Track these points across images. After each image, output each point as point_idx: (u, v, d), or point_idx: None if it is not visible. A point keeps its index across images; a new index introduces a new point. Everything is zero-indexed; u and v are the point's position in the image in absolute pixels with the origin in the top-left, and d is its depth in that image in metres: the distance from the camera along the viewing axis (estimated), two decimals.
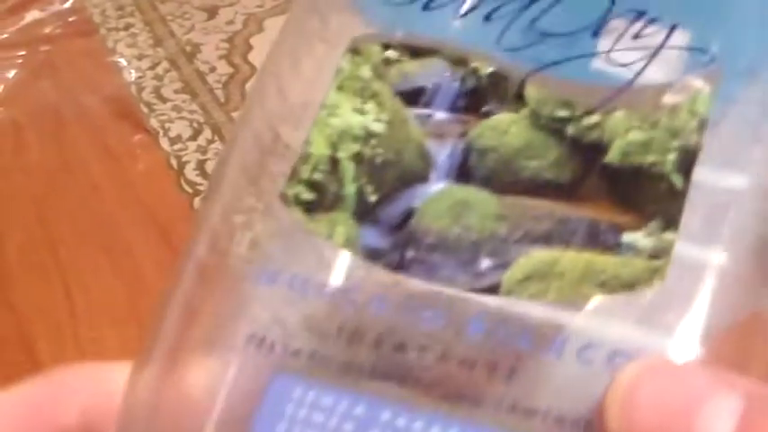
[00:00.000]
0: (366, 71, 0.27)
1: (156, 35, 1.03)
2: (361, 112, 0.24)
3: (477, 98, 0.26)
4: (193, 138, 0.87)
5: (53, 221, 0.77)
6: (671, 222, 0.23)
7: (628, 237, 0.23)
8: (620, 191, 0.24)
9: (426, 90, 0.26)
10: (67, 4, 1.07)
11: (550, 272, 0.23)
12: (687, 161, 0.23)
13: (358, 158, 0.24)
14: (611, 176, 0.24)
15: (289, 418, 0.21)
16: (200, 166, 0.82)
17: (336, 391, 0.21)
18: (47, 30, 1.04)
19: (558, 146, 0.24)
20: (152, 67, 0.97)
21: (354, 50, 0.27)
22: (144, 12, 1.07)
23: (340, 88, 0.26)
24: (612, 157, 0.23)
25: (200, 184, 0.82)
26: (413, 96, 0.26)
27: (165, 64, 0.98)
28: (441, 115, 0.26)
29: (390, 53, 0.27)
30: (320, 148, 0.24)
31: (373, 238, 0.24)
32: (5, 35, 1.02)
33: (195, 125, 0.88)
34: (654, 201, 0.23)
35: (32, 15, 1.05)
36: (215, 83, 0.94)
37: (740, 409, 0.18)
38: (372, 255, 0.23)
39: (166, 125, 0.88)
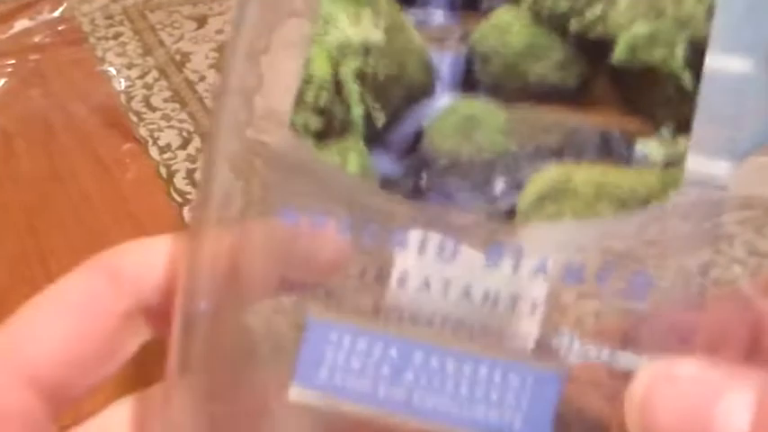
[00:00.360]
0: None
1: (146, 44, 1.03)
2: (358, 21, 0.23)
3: None
4: (183, 147, 0.87)
5: (44, 231, 0.77)
6: (683, 126, 0.21)
7: (641, 146, 0.21)
8: (630, 93, 0.22)
9: None
10: (57, 13, 1.07)
11: (565, 190, 0.21)
12: (697, 54, 0.22)
13: (361, 76, 0.22)
14: (619, 77, 0.22)
15: (329, 362, 0.21)
16: (190, 175, 0.83)
17: (370, 335, 0.21)
18: (36, 39, 1.04)
19: (563, 44, 0.23)
20: (141, 77, 0.98)
21: None
22: (133, 21, 1.08)
23: None
24: (619, 54, 0.22)
25: (190, 193, 0.82)
26: None
27: (154, 73, 0.98)
28: (439, 16, 0.24)
29: None
30: (321, 68, 0.22)
31: (386, 163, 0.22)
32: None
33: (185, 134, 0.88)
34: (664, 103, 0.21)
35: (22, 24, 1.05)
36: (204, 92, 0.94)
37: (754, 400, 0.18)
38: (388, 183, 0.22)
39: (156, 134, 0.88)
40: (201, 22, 1.07)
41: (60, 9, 1.07)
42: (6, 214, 0.79)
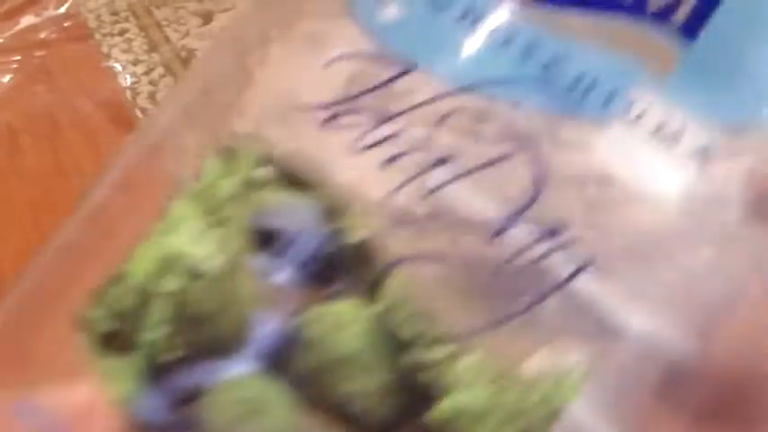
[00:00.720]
0: (228, 186, 0.22)
1: (152, 40, 1.03)
2: (201, 239, 0.19)
3: (333, 268, 0.22)
4: None
5: (49, 227, 0.77)
6: None
7: None
8: None
9: (282, 236, 0.22)
10: (63, 9, 1.07)
11: None
12: None
13: (174, 300, 0.20)
14: None
15: None
16: None
17: None
18: (42, 35, 1.04)
19: (391, 370, 0.20)
20: (147, 73, 0.97)
21: (228, 152, 0.22)
22: (139, 17, 1.08)
23: (192, 196, 0.22)
24: (439, 413, 0.20)
25: None
26: (265, 237, 0.22)
27: (160, 69, 0.98)
28: (284, 275, 0.22)
29: (264, 171, 0.22)
30: (140, 271, 0.20)
31: (152, 406, 0.19)
32: (0, 40, 1.02)
33: None
34: None
35: (27, 20, 1.05)
36: None
37: None
38: (143, 427, 0.20)
39: None
40: (207, 18, 1.07)
41: (66, 5, 1.07)
42: (11, 209, 0.79)
